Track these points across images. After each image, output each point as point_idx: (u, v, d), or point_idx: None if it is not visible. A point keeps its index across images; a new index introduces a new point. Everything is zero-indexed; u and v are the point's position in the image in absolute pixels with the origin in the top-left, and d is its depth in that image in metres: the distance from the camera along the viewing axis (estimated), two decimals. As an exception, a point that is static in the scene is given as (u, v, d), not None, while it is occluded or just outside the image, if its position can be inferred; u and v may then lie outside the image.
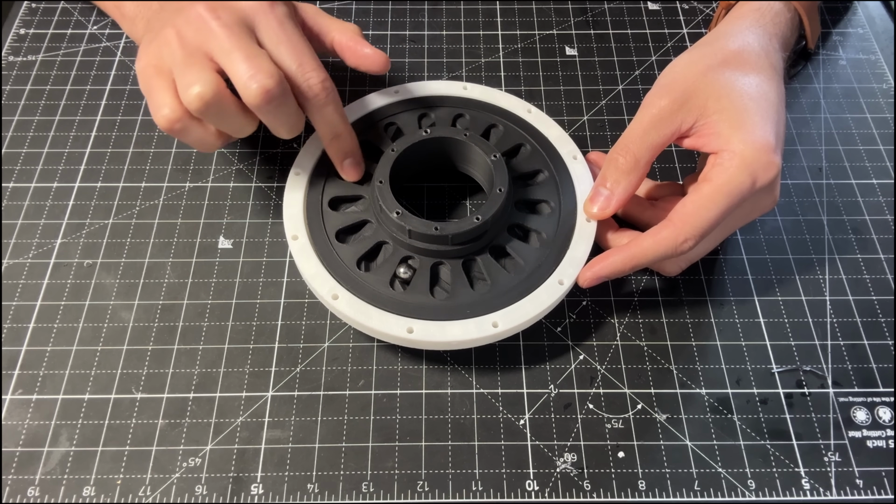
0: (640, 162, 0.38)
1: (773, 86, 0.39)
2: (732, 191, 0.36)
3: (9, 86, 0.52)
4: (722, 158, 0.37)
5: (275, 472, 0.37)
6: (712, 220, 0.36)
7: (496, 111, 0.46)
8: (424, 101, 0.46)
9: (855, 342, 0.42)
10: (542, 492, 0.37)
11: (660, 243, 0.37)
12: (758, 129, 0.37)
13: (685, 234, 0.37)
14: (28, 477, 0.37)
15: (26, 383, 0.39)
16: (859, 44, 0.56)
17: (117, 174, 0.48)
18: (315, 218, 0.41)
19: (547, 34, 0.56)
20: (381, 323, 0.37)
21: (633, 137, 0.39)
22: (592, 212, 0.40)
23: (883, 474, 0.37)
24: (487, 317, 0.37)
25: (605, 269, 0.38)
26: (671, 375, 0.40)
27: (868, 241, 0.45)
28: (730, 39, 0.41)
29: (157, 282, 0.43)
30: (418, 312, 0.37)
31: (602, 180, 0.40)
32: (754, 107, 0.38)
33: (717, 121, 0.38)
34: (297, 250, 0.39)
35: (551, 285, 0.39)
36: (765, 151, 0.37)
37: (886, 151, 0.50)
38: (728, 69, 0.39)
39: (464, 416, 0.39)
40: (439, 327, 0.37)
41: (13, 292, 0.43)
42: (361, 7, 0.58)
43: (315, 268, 0.39)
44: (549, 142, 0.44)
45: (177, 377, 0.40)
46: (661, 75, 0.41)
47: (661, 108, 0.38)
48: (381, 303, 0.38)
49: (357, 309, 0.37)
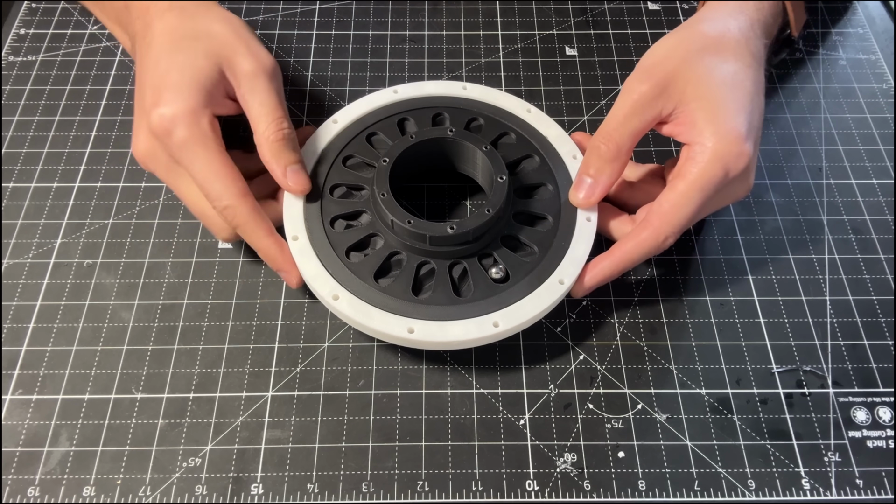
0: (622, 149, 0.39)
1: (749, 73, 0.40)
2: (705, 185, 0.37)
3: (9, 86, 0.52)
4: (693, 152, 0.38)
5: (275, 472, 0.37)
6: (689, 215, 0.38)
7: (495, 111, 0.46)
8: (425, 102, 0.46)
9: (855, 342, 0.42)
10: (542, 492, 0.37)
11: (642, 245, 0.38)
12: (730, 119, 0.38)
13: (664, 233, 0.38)
14: (28, 477, 0.37)
15: (26, 383, 0.39)
16: (859, 44, 0.56)
17: (117, 174, 0.48)
18: (314, 218, 0.40)
19: (547, 34, 0.56)
20: (382, 323, 0.37)
21: (614, 124, 0.39)
22: (578, 199, 0.41)
23: (883, 474, 0.37)
24: (488, 317, 0.37)
25: (595, 278, 0.40)
26: (671, 375, 0.40)
27: (868, 241, 0.45)
28: (710, 24, 0.41)
29: (157, 282, 0.43)
30: (419, 313, 0.37)
31: (585, 168, 0.40)
32: (730, 96, 0.38)
33: (694, 109, 0.38)
34: (297, 251, 0.39)
35: (552, 285, 0.39)
36: (735, 142, 0.37)
37: (886, 151, 0.50)
38: (707, 55, 0.39)
39: (464, 416, 0.39)
40: (440, 327, 0.37)
41: (13, 292, 0.43)
42: (361, 7, 0.58)
43: (315, 269, 0.39)
44: (548, 142, 0.44)
45: (177, 377, 0.40)
46: (642, 59, 0.41)
47: (642, 93, 0.39)
48: (382, 303, 0.38)
49: (358, 309, 0.37)
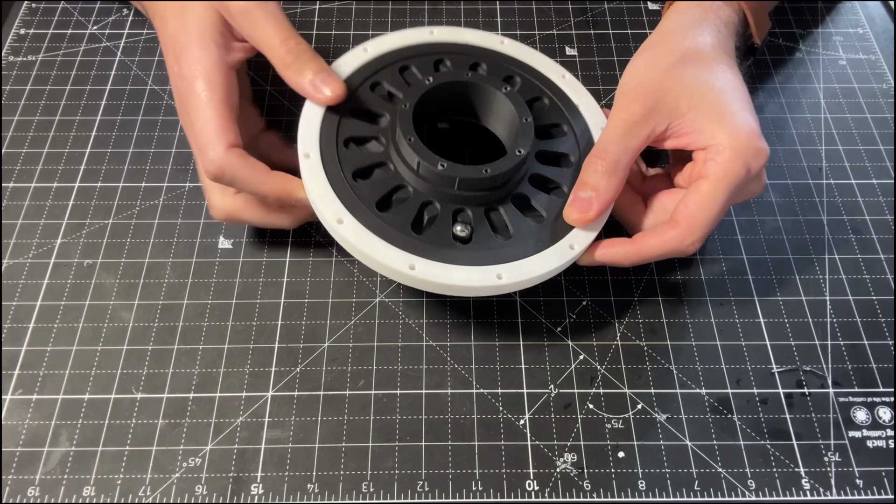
0: (619, 164, 0.38)
1: (736, 74, 0.40)
2: (730, 183, 0.37)
3: (9, 86, 0.52)
4: (712, 153, 0.37)
5: (275, 472, 0.37)
6: (715, 216, 0.37)
7: (528, 70, 0.44)
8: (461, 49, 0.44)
9: (855, 342, 0.42)
10: (542, 492, 0.37)
11: (666, 243, 0.37)
12: (738, 117, 0.37)
13: (692, 236, 0.37)
14: (28, 477, 0.37)
15: (26, 383, 0.39)
16: (859, 44, 0.56)
17: (117, 174, 0.48)
18: (329, 136, 0.39)
19: (547, 34, 0.56)
20: (384, 255, 0.35)
21: (610, 140, 0.38)
22: (573, 217, 0.38)
23: (883, 474, 0.37)
24: (493, 267, 0.36)
25: (607, 258, 0.39)
26: (671, 375, 0.40)
27: (868, 241, 0.45)
28: (680, 37, 0.41)
29: (157, 282, 0.43)
30: (423, 252, 0.36)
31: (582, 185, 0.38)
32: (728, 97, 0.38)
33: (694, 118, 0.38)
34: (306, 169, 0.37)
35: (562, 248, 0.38)
36: (752, 138, 0.37)
37: (886, 151, 0.50)
38: (689, 65, 0.39)
39: (464, 416, 0.39)
40: (443, 269, 0.36)
41: (13, 292, 0.43)
42: (361, 7, 0.58)
43: (323, 189, 0.37)
44: (575, 107, 0.43)
45: (177, 377, 0.40)
46: (622, 81, 0.40)
47: (633, 112, 0.38)
48: (388, 236, 0.36)
49: (361, 237, 0.36)
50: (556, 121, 0.43)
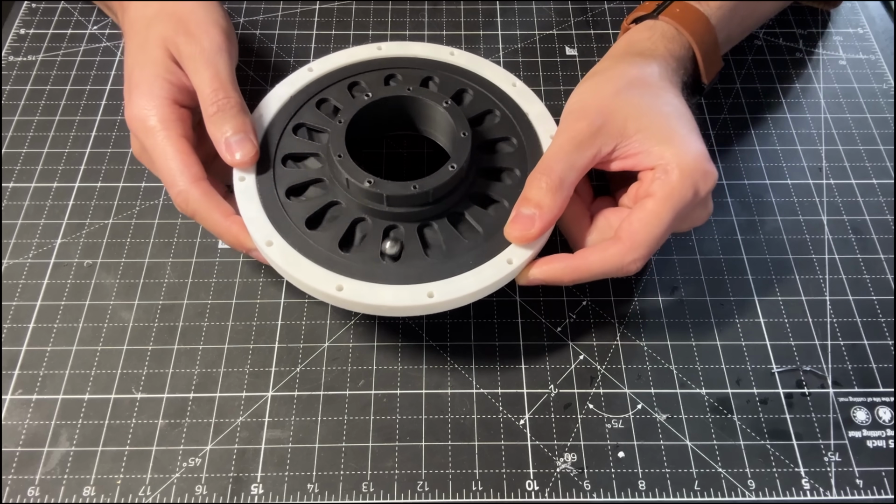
0: (564, 182, 0.36)
1: (682, 101, 0.39)
2: (676, 203, 0.36)
3: (9, 86, 0.52)
4: (659, 172, 0.36)
5: (275, 472, 0.37)
6: (659, 235, 0.36)
7: (478, 81, 0.44)
8: (401, 62, 0.44)
9: (855, 342, 0.42)
10: (542, 492, 0.37)
11: (607, 260, 0.36)
12: (686, 140, 0.37)
13: (633, 254, 0.36)
14: (28, 477, 0.37)
15: (26, 383, 0.39)
16: (859, 44, 0.56)
17: (117, 174, 0.48)
18: (266, 156, 0.39)
19: (547, 34, 0.56)
20: (309, 276, 0.35)
21: (555, 157, 0.37)
22: (514, 235, 0.36)
23: (883, 474, 0.37)
24: (424, 286, 0.36)
25: (545, 274, 0.37)
26: (671, 375, 0.40)
27: (868, 241, 0.45)
28: (627, 65, 0.41)
29: (157, 282, 0.43)
30: (352, 272, 0.36)
31: (524, 201, 0.37)
32: (675, 121, 0.38)
33: (641, 139, 0.37)
34: (239, 193, 0.38)
35: (499, 263, 0.36)
36: (700, 160, 0.36)
37: (886, 151, 0.50)
38: (636, 90, 0.39)
39: (464, 416, 0.39)
40: (370, 289, 0.35)
41: (13, 292, 0.43)
42: (361, 7, 0.58)
43: (255, 211, 0.37)
44: (525, 115, 0.42)
45: (177, 377, 0.40)
46: (568, 103, 0.40)
47: (580, 130, 0.37)
48: (316, 257, 0.36)
49: (288, 259, 0.36)
50: (506, 134, 0.42)
